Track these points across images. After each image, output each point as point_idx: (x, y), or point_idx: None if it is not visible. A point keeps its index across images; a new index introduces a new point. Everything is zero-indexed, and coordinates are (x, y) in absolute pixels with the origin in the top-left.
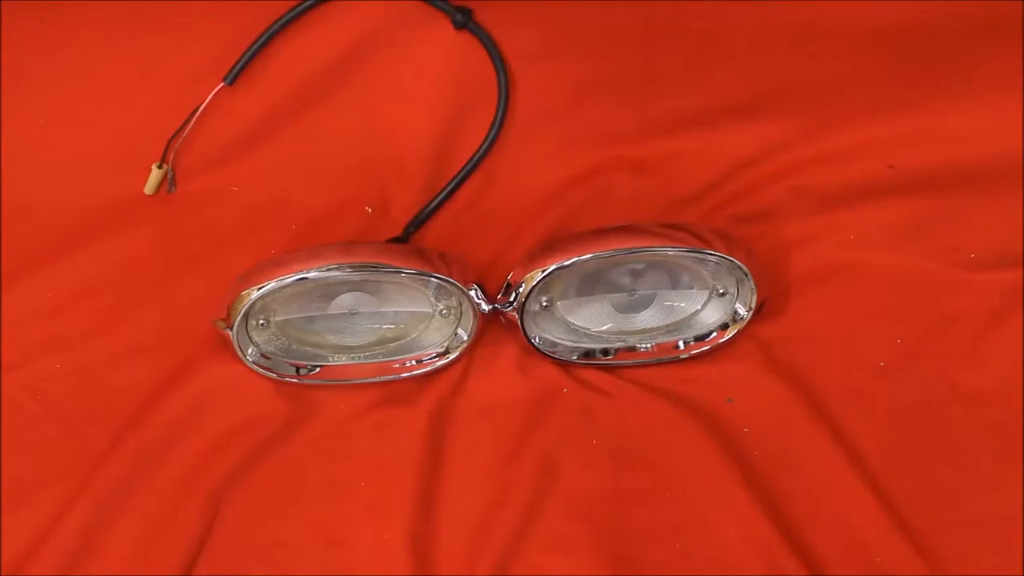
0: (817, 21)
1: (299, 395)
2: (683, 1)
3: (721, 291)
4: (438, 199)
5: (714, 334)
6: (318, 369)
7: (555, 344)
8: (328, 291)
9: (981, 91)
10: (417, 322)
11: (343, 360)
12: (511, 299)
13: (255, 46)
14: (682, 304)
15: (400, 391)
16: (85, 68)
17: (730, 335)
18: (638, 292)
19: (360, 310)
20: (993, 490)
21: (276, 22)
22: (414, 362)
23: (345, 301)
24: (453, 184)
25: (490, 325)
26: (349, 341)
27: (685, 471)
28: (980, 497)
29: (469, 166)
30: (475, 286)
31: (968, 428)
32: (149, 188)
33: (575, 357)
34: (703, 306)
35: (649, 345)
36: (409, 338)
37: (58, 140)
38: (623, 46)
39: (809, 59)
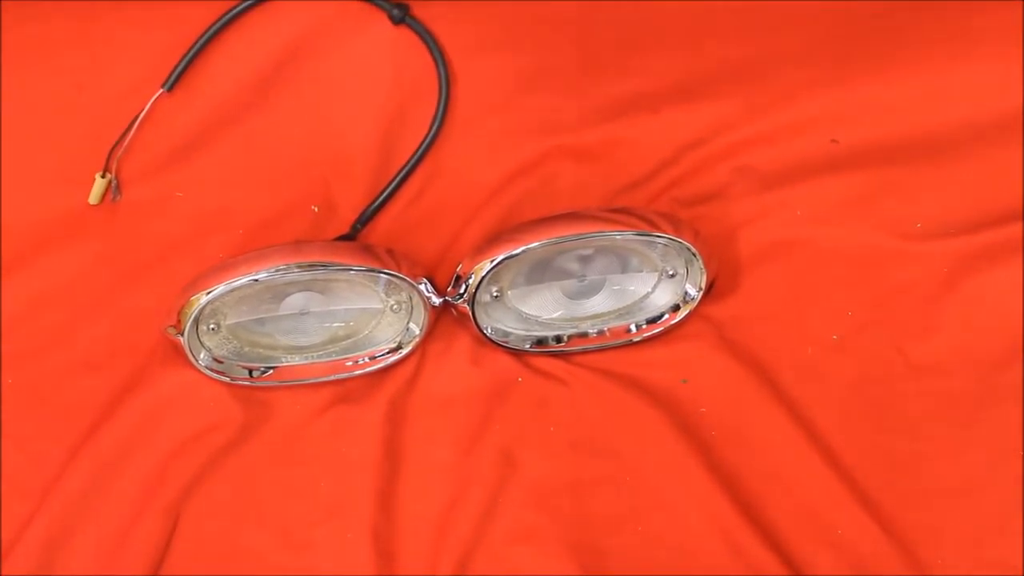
0: None
1: (254, 398)
2: None
3: (671, 273)
4: (384, 195)
5: (666, 316)
6: (271, 371)
7: (507, 334)
8: (278, 292)
9: (918, 62)
10: (368, 319)
11: (296, 360)
12: (461, 291)
13: (192, 51)
14: (632, 287)
15: (354, 389)
16: (21, 83)
17: (681, 316)
18: (588, 278)
19: (311, 309)
20: (949, 458)
21: (212, 26)
22: (367, 359)
23: (295, 301)
24: (398, 180)
25: (441, 318)
26: (301, 341)
27: (643, 455)
28: (936, 466)
29: (413, 161)
30: (424, 280)
31: (922, 398)
32: (93, 198)
33: (528, 346)
34: (653, 288)
35: (602, 329)
36: (361, 335)
37: None
38: (560, 35)
39: (746, 38)
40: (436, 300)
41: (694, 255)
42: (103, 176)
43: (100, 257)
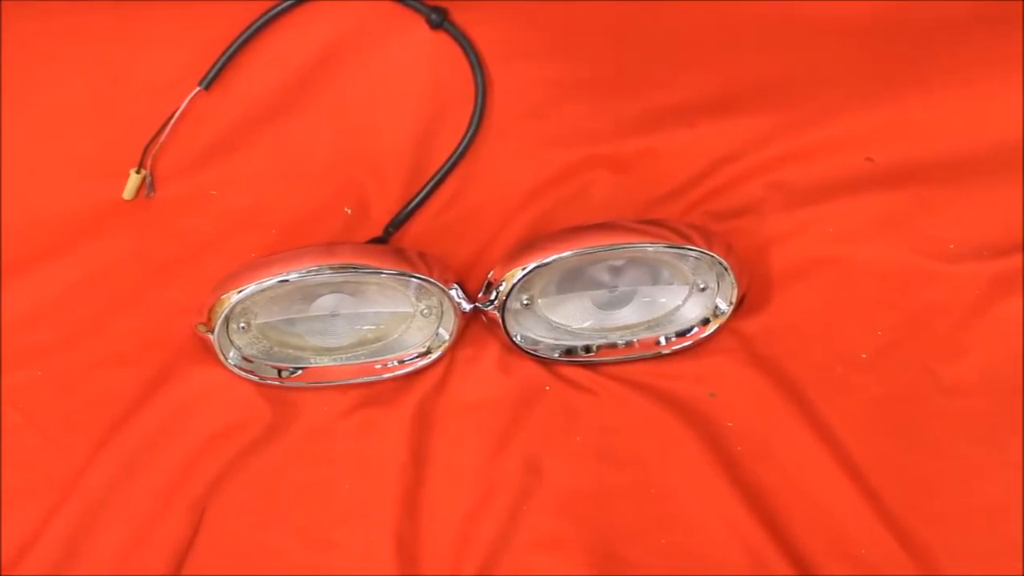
0: (793, 15)
1: (281, 398)
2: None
3: (702, 286)
4: (417, 199)
5: (695, 329)
6: (300, 371)
7: (536, 342)
8: (309, 293)
9: (957, 83)
10: (398, 322)
11: (325, 362)
12: (492, 298)
13: (230, 50)
14: (663, 300)
15: (382, 392)
16: (59, 75)
17: (711, 330)
18: (619, 288)
19: (341, 311)
20: (974, 480)
21: (251, 25)
22: (396, 362)
23: (326, 303)
24: (432, 184)
25: (471, 324)
26: (330, 343)
27: (669, 467)
28: (961, 487)
29: (447, 166)
30: (455, 285)
31: (949, 419)
32: (127, 193)
33: (557, 355)
34: (684, 301)
35: (631, 341)
36: (390, 338)
37: (35, 148)
38: (599, 45)
39: (786, 54)
40: (466, 306)
41: (726, 269)
42: (138, 172)
43: (132, 252)
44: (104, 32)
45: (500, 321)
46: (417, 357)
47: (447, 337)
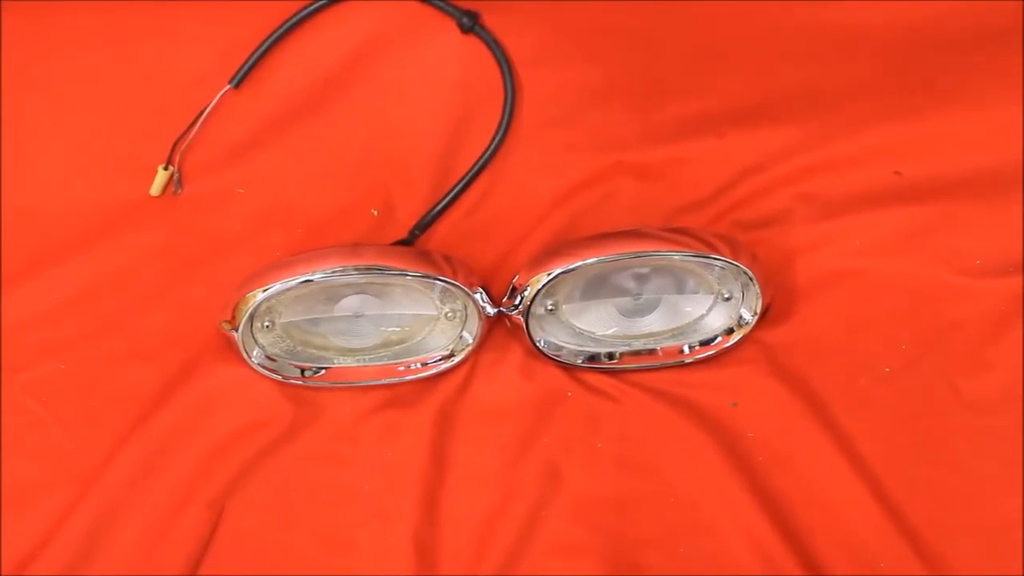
0: (823, 27)
1: (303, 397)
2: (689, 5)
3: (726, 296)
4: (443, 202)
5: (719, 339)
6: (323, 371)
7: (560, 348)
8: (333, 293)
9: (987, 98)
10: (422, 325)
11: (348, 362)
12: (516, 302)
13: (261, 49)
14: (687, 308)
15: (405, 394)
16: (90, 70)
17: (735, 340)
18: (643, 296)
19: (365, 312)
20: (996, 496)
21: (282, 25)
22: (419, 365)
23: (350, 303)
24: (458, 187)
25: (495, 329)
26: (354, 343)
27: (689, 476)
28: (983, 503)
29: (474, 170)
30: (480, 289)
31: (972, 435)
32: (155, 190)
33: (580, 361)
34: (708, 311)
35: (654, 349)
36: (414, 341)
37: (63, 142)
38: (629, 52)
39: (815, 65)
40: (491, 310)
41: (751, 279)
42: (166, 168)
43: (158, 248)
44: (136, 28)
45: (524, 326)
46: (440, 360)
47: (471, 341)
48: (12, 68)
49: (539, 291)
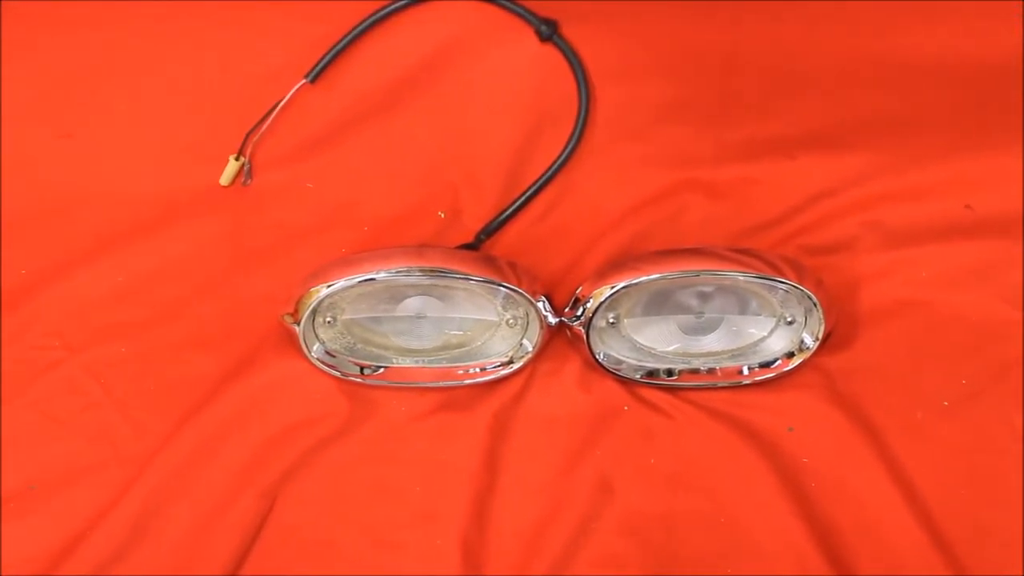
0: (901, 56)
1: (360, 395)
2: (769, 27)
3: (789, 319)
4: (511, 209)
5: (779, 362)
6: (381, 370)
7: (620, 361)
8: (396, 293)
9: None
10: (483, 330)
11: (407, 363)
12: (578, 313)
13: (339, 45)
14: (749, 330)
15: (461, 397)
16: (168, 58)
17: (795, 364)
18: (705, 315)
19: (427, 314)
20: None
21: (361, 22)
22: (477, 369)
23: (413, 304)
24: (527, 195)
25: (555, 338)
26: (414, 344)
27: (740, 497)
28: None
29: (544, 178)
30: (543, 298)
31: None
32: (225, 179)
33: (638, 376)
34: (770, 333)
35: (713, 368)
36: (474, 345)
37: (138, 127)
38: (706, 70)
39: (891, 94)
40: (552, 320)
41: (815, 304)
42: (237, 158)
43: (224, 237)
44: (217, 19)
45: (584, 337)
46: (499, 366)
47: (530, 349)
48: (93, 52)
49: (602, 303)
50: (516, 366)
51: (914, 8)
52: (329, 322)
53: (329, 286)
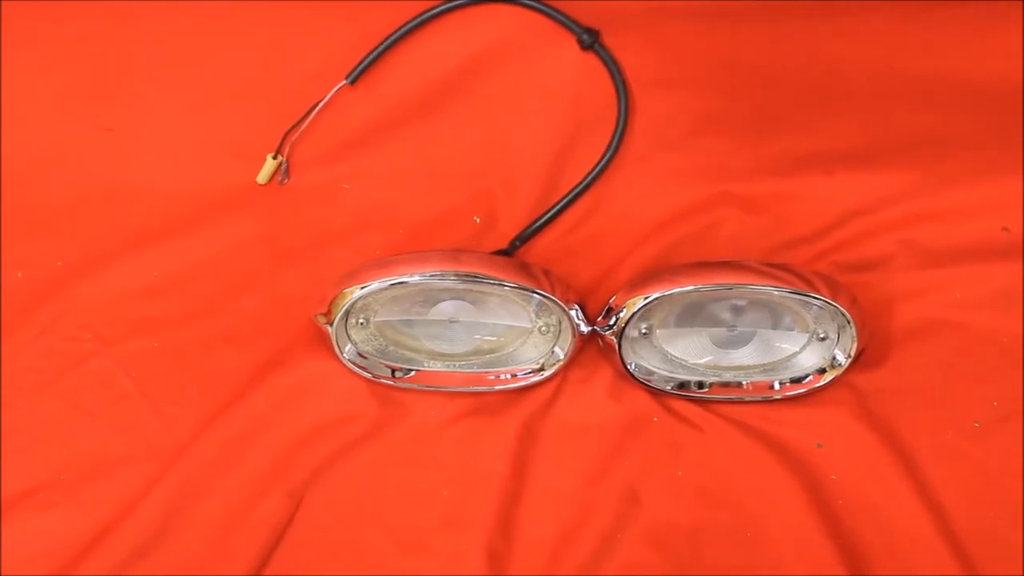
0: (942, 76)
1: (390, 397)
2: (810, 43)
3: (822, 336)
4: (547, 216)
5: (810, 378)
6: (412, 373)
7: (651, 372)
8: (430, 297)
9: None
10: (515, 336)
11: (438, 367)
12: (611, 322)
13: (380, 47)
14: (781, 345)
15: (491, 403)
16: (209, 56)
17: (826, 380)
18: (738, 328)
19: (460, 319)
20: None
21: (403, 25)
22: (508, 376)
23: (446, 308)
24: (563, 203)
25: (587, 347)
26: (446, 348)
27: (767, 511)
28: None
29: (581, 187)
30: (576, 306)
31: None
32: (262, 177)
33: (669, 387)
34: (802, 349)
35: (744, 382)
36: (505, 351)
37: (177, 124)
38: (745, 83)
39: (931, 113)
40: (585, 328)
41: (848, 321)
42: (274, 157)
43: (259, 236)
44: (258, 18)
45: (616, 347)
46: (530, 373)
47: (562, 356)
48: (136, 49)
49: (635, 314)
50: (547, 373)
51: (953, 28)
52: (362, 323)
53: (363, 287)
